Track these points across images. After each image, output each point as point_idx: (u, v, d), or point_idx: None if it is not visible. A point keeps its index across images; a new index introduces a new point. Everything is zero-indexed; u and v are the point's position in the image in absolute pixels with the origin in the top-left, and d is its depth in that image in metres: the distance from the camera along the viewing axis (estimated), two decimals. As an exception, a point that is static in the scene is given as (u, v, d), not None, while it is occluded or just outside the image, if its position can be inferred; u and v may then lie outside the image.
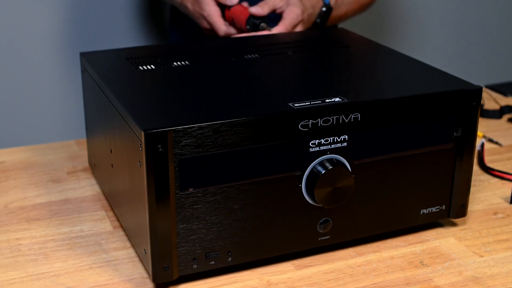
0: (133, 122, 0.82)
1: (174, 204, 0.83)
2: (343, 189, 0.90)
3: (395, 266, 0.93)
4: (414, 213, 0.98)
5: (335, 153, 0.90)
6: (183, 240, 0.85)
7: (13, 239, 0.99)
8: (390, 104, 0.90)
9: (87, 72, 1.06)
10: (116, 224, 1.02)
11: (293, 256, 0.94)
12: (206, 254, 0.87)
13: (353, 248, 0.97)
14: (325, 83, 0.98)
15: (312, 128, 0.87)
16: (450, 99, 0.94)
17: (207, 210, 0.85)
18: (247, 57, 1.09)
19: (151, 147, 0.80)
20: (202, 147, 0.82)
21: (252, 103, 0.89)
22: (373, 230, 0.96)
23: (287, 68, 1.06)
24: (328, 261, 0.94)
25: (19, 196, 1.11)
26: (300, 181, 0.89)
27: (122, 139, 0.89)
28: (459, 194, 0.99)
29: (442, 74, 1.01)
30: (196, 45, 1.21)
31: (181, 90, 0.94)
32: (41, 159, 1.23)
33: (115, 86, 0.94)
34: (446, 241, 0.99)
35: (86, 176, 1.17)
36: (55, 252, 0.96)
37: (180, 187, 0.83)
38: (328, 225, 0.93)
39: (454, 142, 0.96)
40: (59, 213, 1.06)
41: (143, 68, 1.03)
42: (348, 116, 0.89)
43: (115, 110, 0.91)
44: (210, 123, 0.82)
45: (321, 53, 1.12)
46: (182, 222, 0.84)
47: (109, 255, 0.95)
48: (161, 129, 0.80)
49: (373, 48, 1.15)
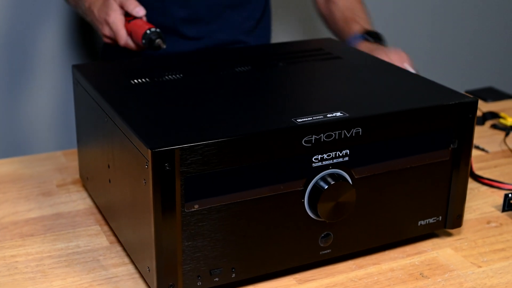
0: (138, 140, 0.82)
1: (180, 221, 0.83)
2: (345, 203, 0.90)
3: (396, 278, 0.94)
4: (412, 224, 0.99)
5: (337, 168, 0.90)
6: (188, 258, 0.85)
7: (8, 256, 0.97)
8: (391, 118, 0.91)
9: (80, 85, 1.05)
10: (113, 239, 1.01)
11: (294, 270, 0.94)
12: (211, 271, 0.87)
13: (353, 261, 0.97)
14: (324, 97, 0.98)
15: (315, 143, 0.87)
16: (448, 111, 0.95)
17: (212, 227, 0.85)
18: (239, 69, 1.09)
19: (158, 165, 0.79)
20: (207, 164, 0.82)
21: (255, 118, 0.89)
22: (373, 242, 0.97)
23: (283, 81, 1.06)
24: (329, 275, 0.94)
25: (10, 210, 1.09)
26: (302, 196, 0.89)
27: (124, 156, 0.89)
28: (455, 205, 1.00)
29: (436, 86, 1.02)
30: (186, 56, 1.20)
31: (181, 106, 0.94)
32: (29, 171, 1.21)
33: (114, 101, 0.93)
34: (443, 251, 1.00)
35: (76, 189, 1.16)
36: (53, 270, 0.94)
37: (186, 204, 0.82)
38: (329, 239, 0.93)
39: (450, 153, 0.97)
40: (53, 228, 1.04)
41: (137, 81, 1.02)
42: (350, 130, 0.89)
43: (115, 126, 0.90)
44: (216, 141, 0.82)
45: (314, 65, 1.12)
46: (188, 239, 0.84)
47: (109, 272, 0.94)
48: (168, 147, 0.79)
49: (364, 59, 1.16)
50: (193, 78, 1.05)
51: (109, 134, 0.93)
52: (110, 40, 1.34)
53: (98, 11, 1.34)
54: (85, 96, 1.02)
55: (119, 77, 1.05)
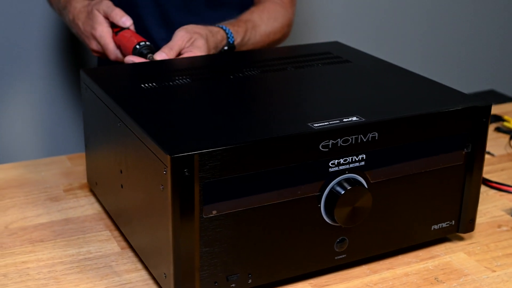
0: (155, 146, 0.81)
1: (198, 227, 0.82)
2: (361, 208, 0.90)
3: (411, 283, 0.93)
4: (425, 229, 0.98)
5: (353, 172, 0.90)
6: (206, 264, 0.84)
7: (19, 262, 0.96)
8: (407, 123, 0.91)
9: (89, 89, 1.04)
10: (124, 245, 1.00)
11: (308, 276, 0.94)
12: (227, 276, 0.86)
13: (366, 266, 0.97)
14: (338, 101, 0.98)
15: (332, 148, 0.87)
16: (463, 115, 0.95)
17: (229, 233, 0.84)
18: (247, 73, 1.08)
19: (177, 171, 0.79)
20: (226, 169, 0.81)
21: (271, 123, 0.88)
22: (387, 247, 0.97)
23: (295, 85, 1.06)
24: (344, 280, 0.94)
25: (18, 216, 1.08)
26: (319, 201, 0.89)
27: (139, 162, 0.88)
28: (468, 209, 1.00)
29: (447, 89, 1.02)
30: (192, 60, 1.19)
31: (195, 110, 0.93)
32: (34, 176, 1.20)
33: (127, 106, 0.92)
34: (457, 256, 1.00)
35: (84, 194, 1.15)
36: (65, 276, 0.93)
37: (204, 210, 0.82)
38: (344, 244, 0.92)
39: (464, 157, 0.97)
40: (63, 234, 1.03)
41: (147, 85, 1.01)
42: (366, 135, 0.88)
43: (129, 131, 0.89)
44: (235, 146, 0.81)
45: (324, 69, 1.12)
46: (205, 245, 0.83)
47: (122, 278, 0.93)
48: (187, 153, 0.79)
49: (374, 63, 1.15)
50: (202, 82, 1.04)
51: (122, 139, 0.92)
52: (99, 54, 1.32)
53: (83, 24, 1.32)
54: (95, 101, 1.02)
55: (129, 81, 1.04)
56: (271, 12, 1.47)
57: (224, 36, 1.32)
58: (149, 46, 1.20)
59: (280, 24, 1.48)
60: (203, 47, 1.22)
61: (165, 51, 1.18)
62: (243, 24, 1.39)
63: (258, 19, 1.44)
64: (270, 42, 1.48)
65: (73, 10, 1.36)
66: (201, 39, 1.23)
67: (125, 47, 1.23)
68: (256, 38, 1.41)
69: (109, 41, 1.26)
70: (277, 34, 1.48)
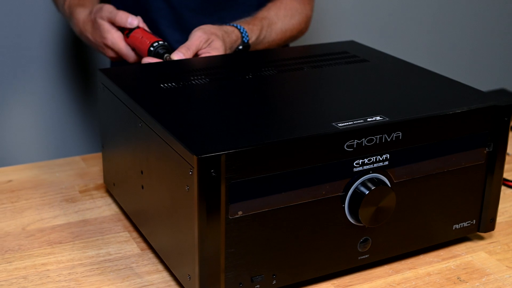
0: (181, 146, 0.80)
1: (224, 228, 0.81)
2: (385, 208, 0.90)
3: (434, 283, 0.93)
4: (447, 228, 0.98)
5: (377, 172, 0.89)
6: (231, 265, 0.84)
7: (39, 264, 0.96)
8: (431, 122, 0.90)
9: (107, 89, 1.03)
10: (143, 246, 1.00)
11: (331, 276, 0.93)
12: (252, 278, 0.86)
13: (388, 265, 0.96)
14: (360, 100, 0.97)
15: (356, 148, 0.86)
16: (485, 114, 0.94)
17: (254, 233, 0.84)
18: (264, 73, 1.08)
19: (204, 172, 0.78)
20: (252, 170, 0.81)
21: (296, 123, 0.88)
22: (409, 247, 0.96)
23: (316, 85, 1.05)
24: (367, 280, 0.93)
25: (35, 217, 1.07)
26: (343, 201, 0.88)
27: (162, 162, 0.87)
28: (489, 208, 1.00)
29: (469, 89, 1.02)
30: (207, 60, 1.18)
31: (217, 110, 0.92)
32: (49, 177, 1.20)
33: (148, 106, 0.92)
34: (478, 255, 0.99)
35: (100, 195, 1.14)
36: (86, 278, 0.93)
37: (230, 211, 0.81)
38: (367, 244, 0.92)
39: (486, 157, 0.97)
40: (81, 236, 1.02)
41: (167, 85, 1.00)
42: (391, 135, 0.88)
43: (151, 132, 0.88)
44: (262, 146, 0.81)
45: (342, 68, 1.11)
46: (231, 246, 0.83)
47: (144, 280, 0.92)
48: (214, 153, 0.78)
49: (391, 62, 1.15)
50: (220, 82, 1.04)
51: (144, 140, 0.92)
52: (118, 59, 1.31)
53: (92, 35, 1.30)
54: (113, 101, 1.01)
55: (148, 81, 1.03)
56: (288, 8, 1.46)
57: (238, 36, 1.31)
58: (165, 46, 1.19)
59: (297, 21, 1.47)
60: (220, 49, 1.21)
61: (182, 51, 1.18)
62: (259, 22, 1.38)
63: (275, 16, 1.43)
64: (286, 39, 1.47)
65: (77, 23, 1.34)
66: (218, 40, 1.22)
67: (138, 49, 1.22)
68: (271, 36, 1.41)
69: (123, 45, 1.25)
70: (293, 31, 1.47)
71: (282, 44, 1.46)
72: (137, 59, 1.25)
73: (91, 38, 1.29)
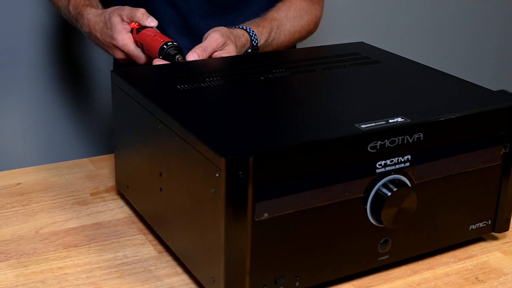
0: (207, 148, 0.80)
1: (250, 230, 0.81)
2: (407, 209, 0.90)
3: (453, 283, 0.93)
4: (464, 229, 0.99)
5: (398, 173, 0.89)
6: (255, 267, 0.83)
7: (56, 268, 0.95)
8: (451, 123, 0.91)
9: (121, 90, 1.03)
10: (160, 249, 0.99)
11: (351, 277, 0.93)
12: (276, 279, 0.86)
13: (406, 266, 0.97)
14: (379, 102, 0.97)
15: (379, 149, 0.86)
16: (502, 115, 0.95)
17: (278, 235, 0.84)
18: (277, 74, 1.08)
19: (232, 174, 0.78)
20: (278, 172, 0.81)
21: (319, 124, 0.88)
22: (428, 247, 0.97)
23: (332, 86, 1.05)
24: (387, 281, 0.93)
25: (47, 221, 1.06)
26: (365, 203, 0.88)
27: (184, 164, 0.87)
28: (504, 209, 1.00)
29: (483, 90, 1.03)
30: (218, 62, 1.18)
31: (238, 112, 0.92)
32: (58, 179, 1.19)
33: (168, 107, 0.91)
34: (493, 255, 1.00)
35: (111, 198, 1.13)
36: (105, 281, 0.92)
37: (256, 213, 0.81)
38: (387, 244, 0.92)
39: (502, 157, 0.97)
40: (96, 238, 1.02)
41: (183, 87, 1.00)
42: (412, 136, 0.88)
43: (172, 134, 0.88)
44: (288, 148, 0.80)
45: (355, 70, 1.11)
46: (256, 248, 0.82)
47: (163, 282, 0.92)
48: (242, 155, 0.78)
49: (403, 63, 1.15)
50: (234, 84, 1.04)
51: (164, 142, 0.91)
52: (126, 61, 1.30)
53: (102, 35, 1.28)
54: (129, 102, 1.00)
55: (163, 82, 1.03)
56: (298, 9, 1.45)
57: (248, 39, 1.31)
58: (177, 47, 1.18)
59: (306, 22, 1.47)
60: (233, 53, 1.21)
61: (197, 52, 1.17)
62: (268, 24, 1.38)
63: (284, 18, 1.42)
64: (295, 40, 1.47)
65: (87, 23, 1.32)
66: (232, 44, 1.22)
67: (148, 46, 1.20)
68: (280, 38, 1.40)
69: (133, 47, 1.24)
70: (302, 32, 1.47)
71: (290, 45, 1.46)
72: (147, 60, 1.24)
73: (100, 38, 1.28)
